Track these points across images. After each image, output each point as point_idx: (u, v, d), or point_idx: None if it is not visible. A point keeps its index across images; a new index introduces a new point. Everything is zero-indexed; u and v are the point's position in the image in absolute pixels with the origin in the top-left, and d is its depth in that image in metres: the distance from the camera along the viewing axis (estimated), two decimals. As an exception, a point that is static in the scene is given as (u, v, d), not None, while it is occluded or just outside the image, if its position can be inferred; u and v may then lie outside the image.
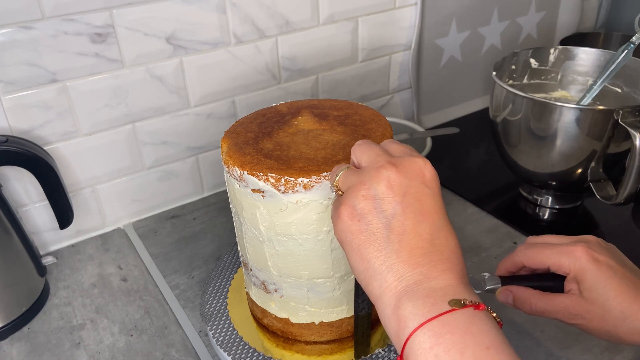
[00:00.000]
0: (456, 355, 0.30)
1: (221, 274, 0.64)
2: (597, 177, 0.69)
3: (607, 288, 0.42)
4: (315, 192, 0.43)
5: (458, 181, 0.85)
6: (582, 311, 0.42)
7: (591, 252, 0.43)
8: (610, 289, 0.42)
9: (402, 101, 1.01)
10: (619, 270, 0.43)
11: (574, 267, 0.43)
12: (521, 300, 0.45)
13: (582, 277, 0.43)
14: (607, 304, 0.42)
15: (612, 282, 0.42)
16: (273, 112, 0.54)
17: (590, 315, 0.42)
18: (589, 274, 0.42)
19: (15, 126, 0.66)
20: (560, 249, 0.44)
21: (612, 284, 0.42)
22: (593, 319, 0.42)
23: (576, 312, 0.43)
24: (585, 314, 0.42)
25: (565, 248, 0.44)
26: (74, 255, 0.74)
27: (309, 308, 0.51)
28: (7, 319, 0.61)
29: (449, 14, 0.94)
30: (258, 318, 0.56)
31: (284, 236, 0.46)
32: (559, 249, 0.44)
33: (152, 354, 0.58)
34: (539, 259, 0.46)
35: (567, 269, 0.43)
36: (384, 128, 0.50)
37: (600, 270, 0.42)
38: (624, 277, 0.42)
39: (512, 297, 0.46)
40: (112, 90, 0.70)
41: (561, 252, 0.44)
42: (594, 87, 0.71)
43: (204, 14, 0.72)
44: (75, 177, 0.72)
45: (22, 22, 0.61)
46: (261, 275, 0.51)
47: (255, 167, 0.44)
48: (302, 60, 0.84)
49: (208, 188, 0.85)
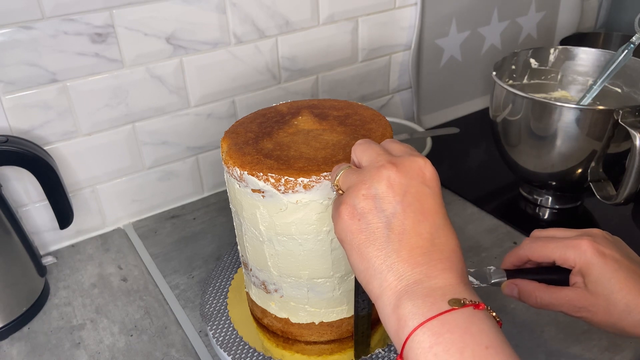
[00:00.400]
0: (455, 354, 0.30)
1: (221, 274, 0.64)
2: (597, 177, 0.69)
3: (612, 281, 0.42)
4: (315, 192, 0.43)
5: (458, 181, 0.85)
6: (587, 304, 0.42)
7: (596, 245, 0.43)
8: (615, 282, 0.42)
9: (402, 101, 1.01)
10: (624, 263, 0.43)
11: (580, 261, 0.43)
12: (526, 293, 0.45)
13: (588, 271, 0.43)
14: (612, 297, 0.42)
15: (617, 275, 0.42)
16: (273, 112, 0.54)
17: (595, 308, 0.42)
18: (594, 267, 0.42)
19: (15, 126, 0.66)
20: (566, 242, 0.44)
21: (617, 277, 0.42)
22: (598, 311, 0.42)
23: (581, 305, 0.43)
24: (590, 306, 0.42)
25: (570, 242, 0.44)
26: (74, 255, 0.74)
27: (309, 308, 0.51)
28: (7, 319, 0.61)
29: (449, 14, 0.94)
30: (258, 318, 0.56)
31: (284, 236, 0.46)
32: (564, 242, 0.44)
33: (152, 354, 0.58)
34: (544, 252, 0.46)
35: (572, 262, 0.43)
36: (384, 128, 0.50)
37: (606, 264, 0.42)
38: (629, 270, 0.42)
39: (518, 290, 0.46)
40: (112, 90, 0.70)
41: (566, 246, 0.44)
42: (594, 87, 0.71)
43: (204, 14, 0.72)
44: (75, 177, 0.72)
45: (22, 22, 0.61)
46: (261, 275, 0.51)
47: (255, 167, 0.44)
48: (302, 60, 0.84)
49: (208, 188, 0.85)
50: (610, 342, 0.56)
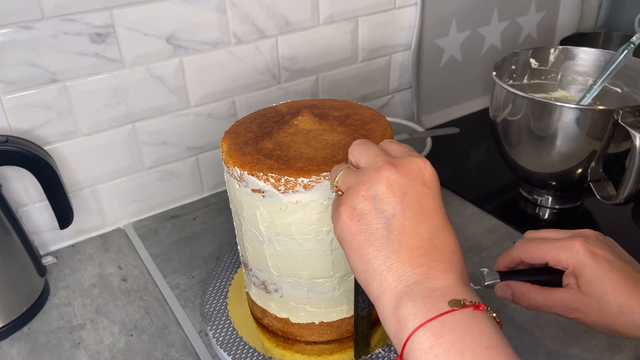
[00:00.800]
0: (456, 355, 0.30)
1: (221, 274, 0.64)
2: (597, 177, 0.69)
3: (605, 282, 0.42)
4: (315, 192, 0.43)
5: (458, 181, 0.85)
6: (580, 305, 0.43)
7: (589, 246, 0.43)
8: (608, 282, 0.42)
9: (402, 101, 1.01)
10: (616, 263, 0.43)
11: (572, 262, 0.43)
12: (519, 295, 0.46)
13: (580, 272, 0.43)
14: (604, 298, 0.42)
15: (610, 275, 0.42)
16: (273, 112, 0.54)
17: (588, 309, 0.42)
18: (587, 268, 0.42)
19: (15, 126, 0.66)
20: (558, 243, 0.45)
21: (609, 277, 0.42)
22: (591, 312, 0.42)
23: (574, 306, 0.43)
24: (583, 307, 0.43)
25: (563, 243, 0.44)
26: (74, 255, 0.74)
27: (309, 308, 0.51)
28: (7, 319, 0.61)
29: (449, 14, 0.94)
30: (258, 318, 0.56)
31: (284, 236, 0.46)
32: (557, 243, 0.45)
33: (152, 354, 0.58)
34: (537, 254, 0.46)
35: (565, 263, 0.44)
36: (384, 128, 0.50)
37: (598, 265, 0.42)
38: (621, 270, 0.42)
39: (511, 292, 0.46)
40: (112, 90, 0.70)
41: (559, 247, 0.44)
42: (594, 87, 0.71)
43: (204, 14, 0.72)
44: (75, 177, 0.72)
45: (22, 22, 0.61)
46: (261, 275, 0.51)
47: (255, 167, 0.44)
48: (302, 60, 0.84)
49: (208, 188, 0.85)
50: (610, 342, 0.56)
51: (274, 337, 0.55)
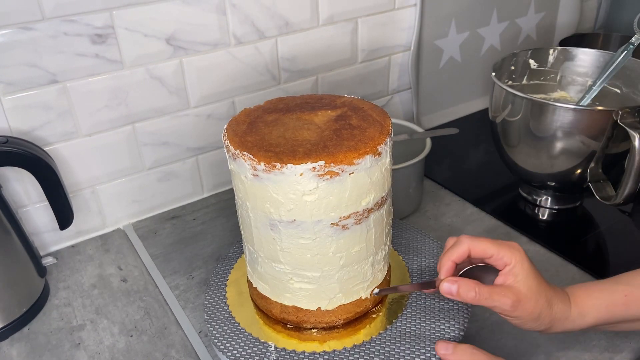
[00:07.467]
0: None
1: (221, 274, 0.64)
2: (596, 177, 0.69)
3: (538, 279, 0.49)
4: (326, 179, 0.44)
5: (458, 181, 0.85)
6: (521, 297, 0.47)
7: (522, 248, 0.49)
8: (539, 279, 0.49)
9: (401, 102, 1.01)
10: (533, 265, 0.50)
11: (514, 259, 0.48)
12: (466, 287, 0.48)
13: (520, 268, 0.48)
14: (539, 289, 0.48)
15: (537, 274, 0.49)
16: (279, 101, 0.56)
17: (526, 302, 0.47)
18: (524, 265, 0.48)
19: (16, 127, 0.66)
20: (500, 242, 0.50)
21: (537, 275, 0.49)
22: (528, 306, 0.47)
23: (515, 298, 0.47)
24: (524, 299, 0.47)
25: (503, 242, 0.50)
26: (74, 256, 0.74)
27: (318, 295, 0.52)
28: (7, 319, 0.61)
29: (449, 15, 0.95)
30: (267, 310, 0.56)
31: (295, 225, 0.47)
32: (499, 242, 0.50)
33: (152, 354, 0.58)
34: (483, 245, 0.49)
35: (508, 259, 0.48)
36: (381, 116, 0.51)
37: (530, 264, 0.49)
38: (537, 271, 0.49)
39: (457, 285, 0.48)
40: (112, 91, 0.70)
41: (501, 245, 0.49)
42: (593, 87, 0.71)
43: (203, 15, 0.72)
44: (75, 178, 0.72)
45: (22, 23, 0.61)
46: (271, 266, 0.52)
47: (264, 153, 0.45)
48: (302, 61, 0.84)
49: (208, 189, 0.85)
50: (610, 342, 0.56)
51: (284, 329, 0.55)
